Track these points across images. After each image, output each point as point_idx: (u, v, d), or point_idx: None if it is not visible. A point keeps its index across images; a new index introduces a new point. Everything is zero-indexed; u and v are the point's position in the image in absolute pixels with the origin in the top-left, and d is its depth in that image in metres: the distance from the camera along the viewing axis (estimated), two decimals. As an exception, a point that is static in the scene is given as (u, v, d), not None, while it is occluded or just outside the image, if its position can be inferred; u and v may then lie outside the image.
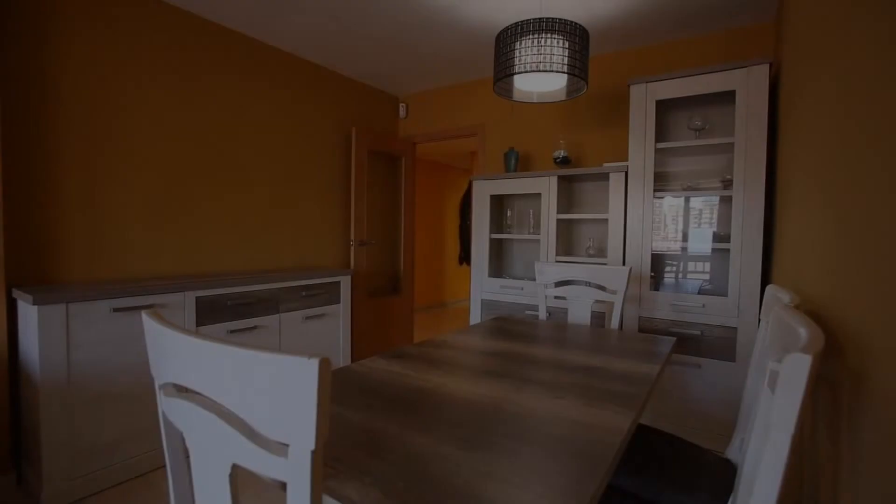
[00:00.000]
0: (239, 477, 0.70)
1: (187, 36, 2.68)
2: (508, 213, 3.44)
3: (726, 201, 2.61)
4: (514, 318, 2.05)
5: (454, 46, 3.10)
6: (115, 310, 2.00)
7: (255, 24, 2.83)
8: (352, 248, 3.63)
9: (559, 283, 2.90)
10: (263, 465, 0.51)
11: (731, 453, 1.31)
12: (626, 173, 2.66)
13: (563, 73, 1.88)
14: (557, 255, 2.98)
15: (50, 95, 2.18)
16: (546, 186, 2.98)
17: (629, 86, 2.62)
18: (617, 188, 2.69)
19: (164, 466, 2.19)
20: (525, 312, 3.08)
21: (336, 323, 3.05)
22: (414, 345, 1.52)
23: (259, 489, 2.01)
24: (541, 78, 2.10)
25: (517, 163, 3.33)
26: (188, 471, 0.74)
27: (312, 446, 0.46)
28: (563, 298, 2.88)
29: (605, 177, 2.92)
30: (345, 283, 3.09)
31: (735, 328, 2.31)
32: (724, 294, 2.41)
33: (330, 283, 2.99)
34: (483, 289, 3.28)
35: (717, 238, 2.60)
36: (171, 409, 0.65)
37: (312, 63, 3.45)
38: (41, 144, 2.16)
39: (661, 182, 2.79)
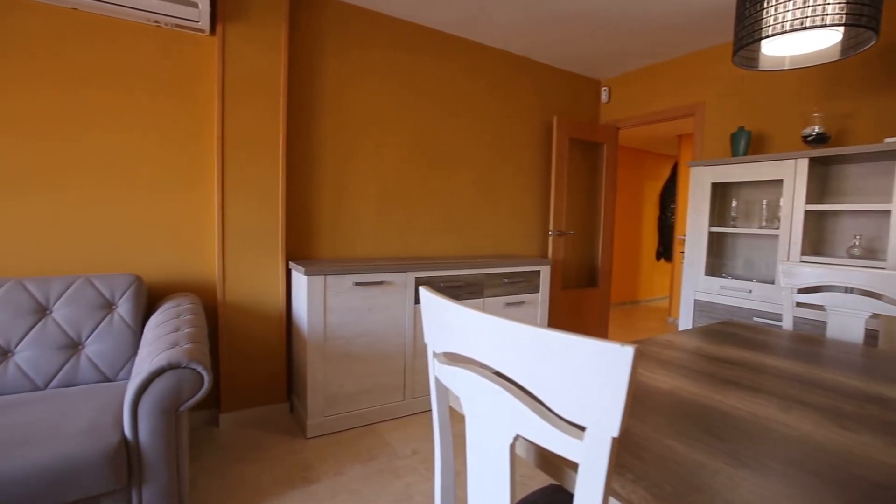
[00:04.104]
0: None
1: (406, 43, 3.02)
2: (734, 204, 2.95)
3: None
4: (749, 324, 1.76)
5: (669, 17, 2.78)
6: (356, 284, 2.39)
7: (463, 24, 3.01)
8: (550, 238, 3.62)
9: (804, 290, 2.38)
10: (554, 442, 0.53)
11: None
12: (925, 150, 2.01)
13: (842, 25, 1.50)
14: (802, 254, 2.45)
15: (316, 111, 2.71)
16: (791, 171, 2.46)
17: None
18: (907, 170, 2.05)
19: (396, 418, 2.55)
20: (752, 319, 2.63)
21: (534, 311, 3.09)
22: (635, 342, 1.43)
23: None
24: (801, 38, 1.72)
25: (748, 145, 2.83)
26: (451, 431, 0.82)
27: (616, 433, 0.46)
28: (816, 308, 2.36)
29: (885, 156, 2.26)
30: (544, 272, 3.11)
31: None
32: None
33: (530, 271, 3.04)
34: (697, 288, 2.90)
35: None
36: (449, 376, 0.72)
37: (515, 55, 3.52)
38: (308, 152, 2.71)
39: None
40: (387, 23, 2.92)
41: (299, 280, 2.40)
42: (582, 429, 0.50)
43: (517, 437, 0.59)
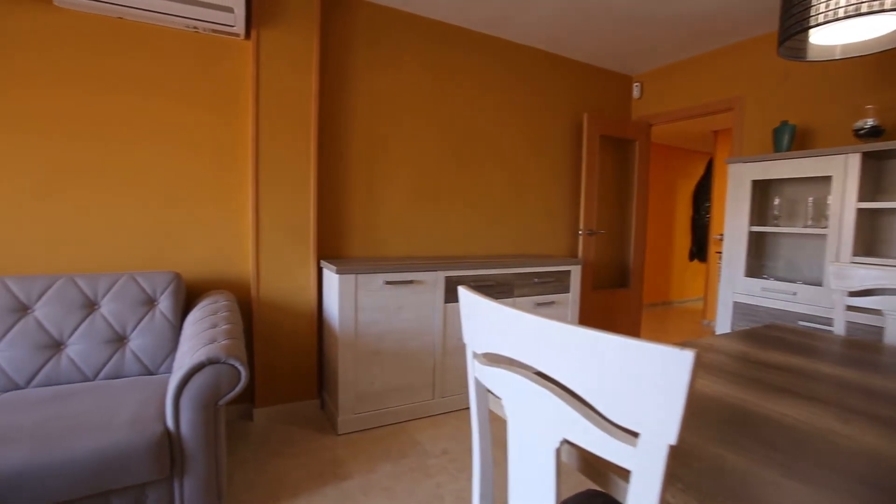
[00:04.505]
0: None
1: (436, 43, 3.02)
2: (776, 202, 2.83)
3: None
4: (796, 328, 1.68)
5: (706, 7, 2.68)
6: (387, 283, 2.41)
7: (495, 23, 2.99)
8: (580, 237, 3.56)
9: (856, 293, 2.25)
10: (604, 448, 0.51)
11: None
12: None
13: (903, 11, 1.40)
14: (854, 254, 2.32)
15: (347, 113, 2.74)
16: (841, 167, 2.34)
17: None
18: (972, 165, 1.92)
19: (425, 417, 2.56)
20: (797, 323, 2.51)
21: (564, 312, 3.04)
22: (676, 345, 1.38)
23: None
24: (855, 24, 1.62)
25: (791, 140, 2.71)
26: (490, 434, 0.82)
27: (673, 440, 0.44)
28: (871, 312, 2.23)
29: (946, 150, 2.12)
30: (575, 272, 3.05)
31: None
32: None
33: (560, 271, 3.00)
34: (736, 290, 2.80)
35: None
36: (490, 377, 0.71)
37: (544, 51, 3.47)
38: (339, 154, 2.74)
39: None
40: (417, 22, 2.92)
41: (331, 279, 2.43)
42: (635, 435, 0.48)
43: (563, 442, 0.58)
